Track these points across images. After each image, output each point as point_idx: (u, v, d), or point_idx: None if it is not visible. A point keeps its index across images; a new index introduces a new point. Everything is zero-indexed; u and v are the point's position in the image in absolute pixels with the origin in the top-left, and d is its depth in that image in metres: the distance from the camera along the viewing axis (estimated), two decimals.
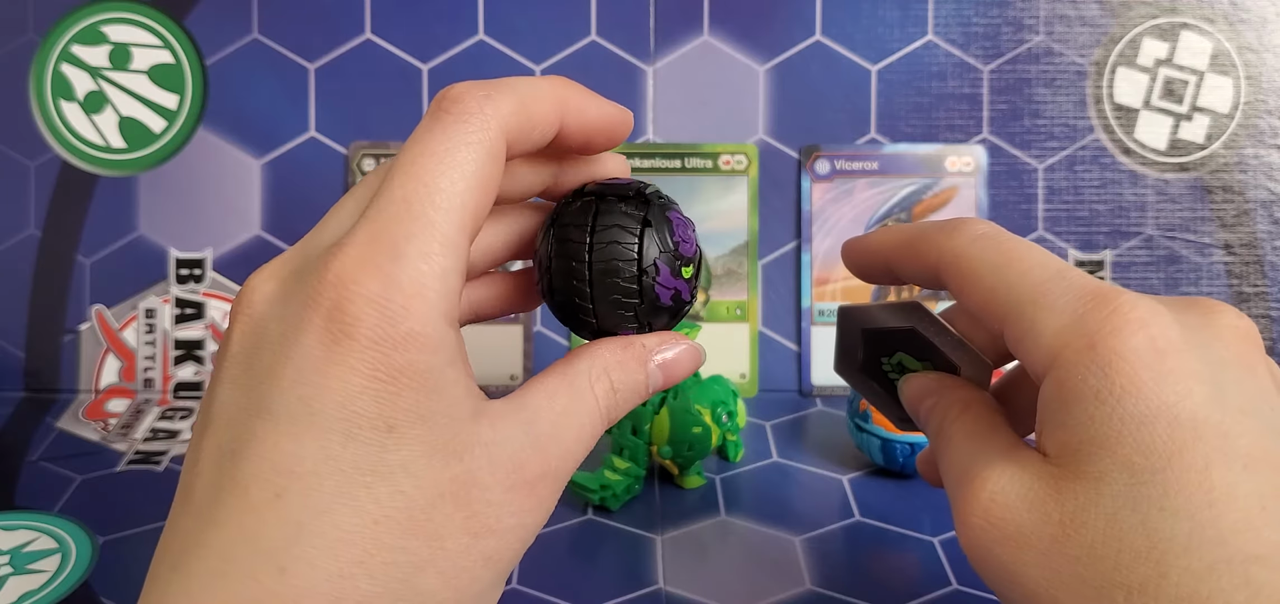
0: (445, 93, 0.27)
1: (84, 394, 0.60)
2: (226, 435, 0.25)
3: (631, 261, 0.28)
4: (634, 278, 0.28)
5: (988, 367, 0.32)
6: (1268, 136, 0.61)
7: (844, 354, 0.35)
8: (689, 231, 0.30)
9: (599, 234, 0.28)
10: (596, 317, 0.29)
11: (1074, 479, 0.25)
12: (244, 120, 0.61)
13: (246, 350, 0.26)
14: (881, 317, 0.33)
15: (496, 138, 0.27)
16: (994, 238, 0.29)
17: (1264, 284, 0.61)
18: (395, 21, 0.61)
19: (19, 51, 0.61)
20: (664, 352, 0.30)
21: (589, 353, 0.29)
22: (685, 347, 0.30)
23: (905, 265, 0.32)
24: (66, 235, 0.61)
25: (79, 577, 0.42)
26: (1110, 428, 0.25)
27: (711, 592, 0.40)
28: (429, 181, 0.26)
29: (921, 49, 0.62)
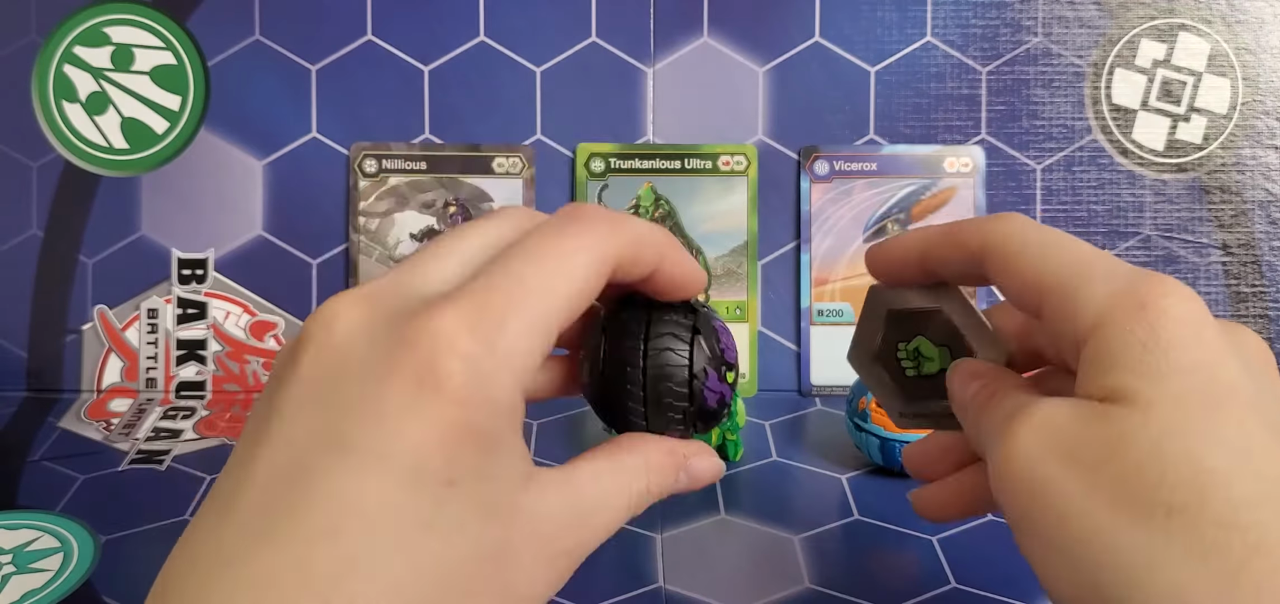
0: (579, 207, 0.29)
1: (86, 394, 0.61)
2: (287, 457, 0.25)
3: (683, 368, 0.30)
4: (685, 383, 0.30)
5: (1003, 350, 0.33)
6: (1265, 137, 0.62)
7: (861, 338, 0.35)
8: (731, 339, 0.32)
9: (653, 342, 0.30)
10: (647, 419, 0.31)
11: (1123, 407, 0.26)
12: (246, 121, 0.61)
13: (323, 377, 0.26)
14: (911, 297, 0.34)
15: (609, 259, 0.28)
16: (1038, 224, 0.31)
17: (1261, 284, 0.61)
18: (396, 23, 0.62)
19: (22, 52, 0.61)
20: (695, 464, 0.31)
21: (637, 448, 0.30)
22: (712, 463, 0.32)
23: (944, 255, 0.32)
24: (69, 236, 0.61)
25: (81, 576, 0.42)
26: (1158, 368, 0.26)
27: (711, 590, 0.41)
28: (549, 271, 0.27)
29: (920, 50, 0.62)
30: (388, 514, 0.24)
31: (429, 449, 0.24)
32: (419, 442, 0.24)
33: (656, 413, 0.31)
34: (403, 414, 0.24)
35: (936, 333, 0.34)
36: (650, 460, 0.30)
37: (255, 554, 0.24)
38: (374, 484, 0.24)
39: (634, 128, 0.62)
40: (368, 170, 0.61)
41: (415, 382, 0.24)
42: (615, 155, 0.62)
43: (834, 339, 0.61)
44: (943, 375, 0.33)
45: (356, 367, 0.25)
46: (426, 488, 0.24)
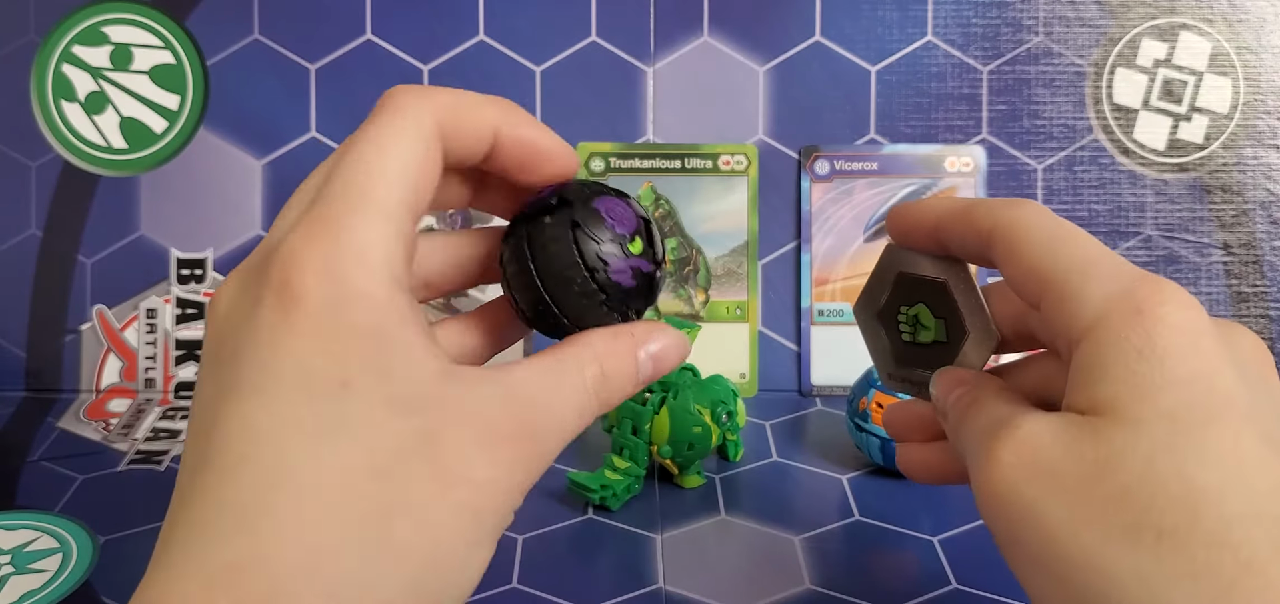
0: (387, 93, 0.29)
1: (85, 394, 0.60)
2: (199, 421, 0.26)
3: (578, 267, 0.29)
4: (588, 280, 0.29)
5: (995, 340, 0.33)
6: (1266, 137, 0.61)
7: (870, 292, 0.35)
8: (621, 207, 0.30)
9: (539, 259, 0.29)
10: (576, 324, 0.30)
11: (1112, 424, 0.26)
12: (245, 121, 0.61)
13: (214, 345, 0.27)
14: (923, 264, 0.34)
15: (430, 128, 0.28)
16: (1051, 215, 0.31)
17: (1263, 284, 0.61)
18: (396, 22, 0.62)
19: (20, 52, 0.61)
20: (652, 343, 0.30)
21: (581, 339, 0.30)
22: (672, 338, 0.31)
23: (956, 231, 0.33)
24: (68, 235, 0.61)
25: (80, 576, 0.42)
26: (1152, 381, 0.26)
27: (711, 591, 0.41)
28: (369, 164, 0.27)
29: (921, 50, 0.62)
30: (290, 429, 0.25)
31: (310, 359, 0.25)
32: (298, 355, 0.25)
33: (580, 314, 0.30)
34: (276, 338, 0.25)
35: (937, 305, 0.34)
36: (598, 347, 0.29)
37: (185, 512, 0.25)
38: (271, 407, 0.25)
39: (634, 127, 0.62)
40: None
41: (279, 307, 0.25)
42: (615, 155, 0.62)
43: (834, 339, 0.61)
44: (935, 347, 0.34)
45: (234, 321, 0.27)
46: (320, 394, 0.25)
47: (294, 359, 0.25)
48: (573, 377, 0.28)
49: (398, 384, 0.25)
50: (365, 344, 0.25)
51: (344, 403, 0.25)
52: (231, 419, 0.25)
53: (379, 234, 0.26)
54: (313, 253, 0.26)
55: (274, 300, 0.25)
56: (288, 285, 0.25)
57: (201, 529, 0.24)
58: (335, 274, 0.26)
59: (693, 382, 0.49)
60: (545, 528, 0.45)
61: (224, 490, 0.24)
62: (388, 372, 0.25)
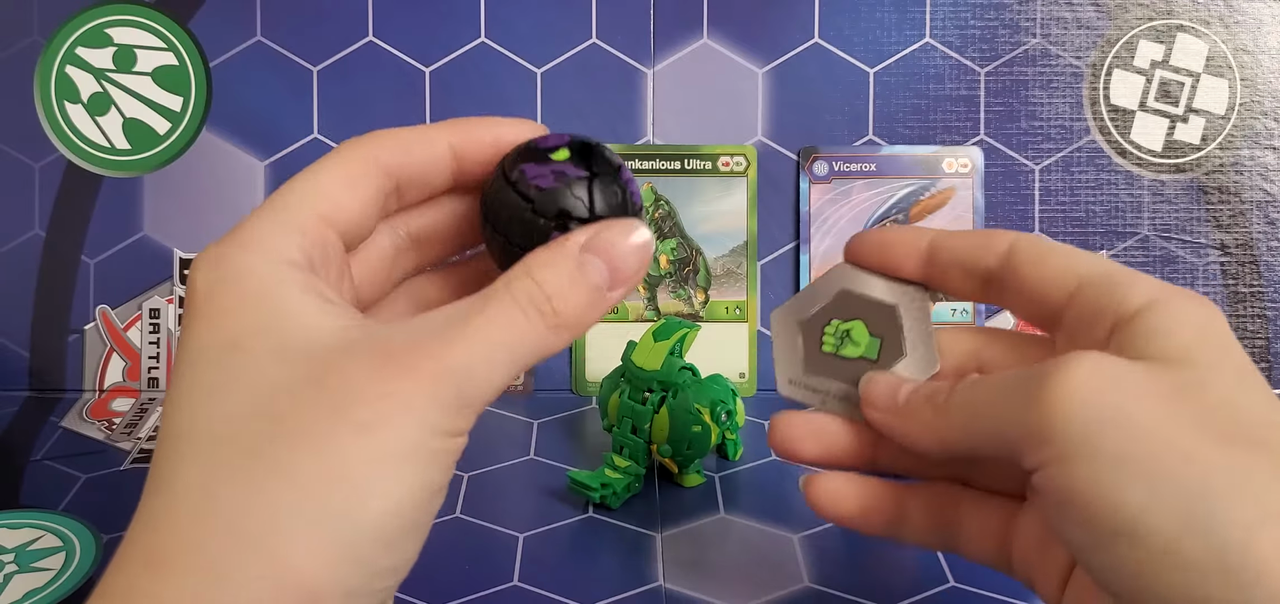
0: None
1: (88, 394, 0.61)
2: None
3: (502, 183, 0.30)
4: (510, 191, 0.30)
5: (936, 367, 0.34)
6: (1263, 138, 0.62)
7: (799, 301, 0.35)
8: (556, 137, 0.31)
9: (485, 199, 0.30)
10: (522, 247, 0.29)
11: (1189, 366, 0.28)
12: (247, 122, 0.62)
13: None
14: (874, 286, 0.34)
15: (364, 156, 0.30)
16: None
17: (1259, 284, 0.61)
18: (397, 24, 0.62)
19: (24, 53, 0.61)
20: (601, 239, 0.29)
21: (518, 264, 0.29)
22: (618, 229, 0.29)
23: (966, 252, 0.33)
24: (71, 236, 0.61)
25: (83, 575, 0.42)
26: (1222, 340, 0.29)
27: (711, 590, 0.41)
28: (286, 188, 0.29)
29: (919, 51, 0.62)
30: (186, 394, 0.26)
31: (202, 334, 0.27)
32: (194, 335, 0.27)
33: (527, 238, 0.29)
34: (184, 332, 0.27)
35: (877, 325, 0.34)
36: (529, 261, 0.28)
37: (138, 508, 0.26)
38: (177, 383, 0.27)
39: (634, 128, 0.62)
40: None
41: (186, 309, 0.28)
42: None
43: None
44: (858, 362, 0.34)
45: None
46: (211, 362, 0.26)
47: (190, 341, 0.27)
48: (499, 298, 0.28)
49: (287, 336, 0.26)
50: (249, 310, 0.27)
51: (233, 362, 0.26)
52: (165, 405, 0.27)
53: (270, 226, 0.28)
54: (207, 253, 0.28)
55: (187, 307, 0.28)
56: (189, 289, 0.28)
57: (137, 517, 0.26)
58: (219, 263, 0.27)
59: (692, 381, 0.49)
60: (545, 526, 0.46)
61: (153, 471, 0.26)
62: (276, 328, 0.26)
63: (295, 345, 0.26)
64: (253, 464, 0.25)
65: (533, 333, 0.28)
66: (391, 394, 0.25)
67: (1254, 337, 0.61)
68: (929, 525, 0.34)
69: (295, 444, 0.25)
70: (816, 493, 0.34)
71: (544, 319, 0.28)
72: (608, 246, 0.29)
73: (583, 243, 0.29)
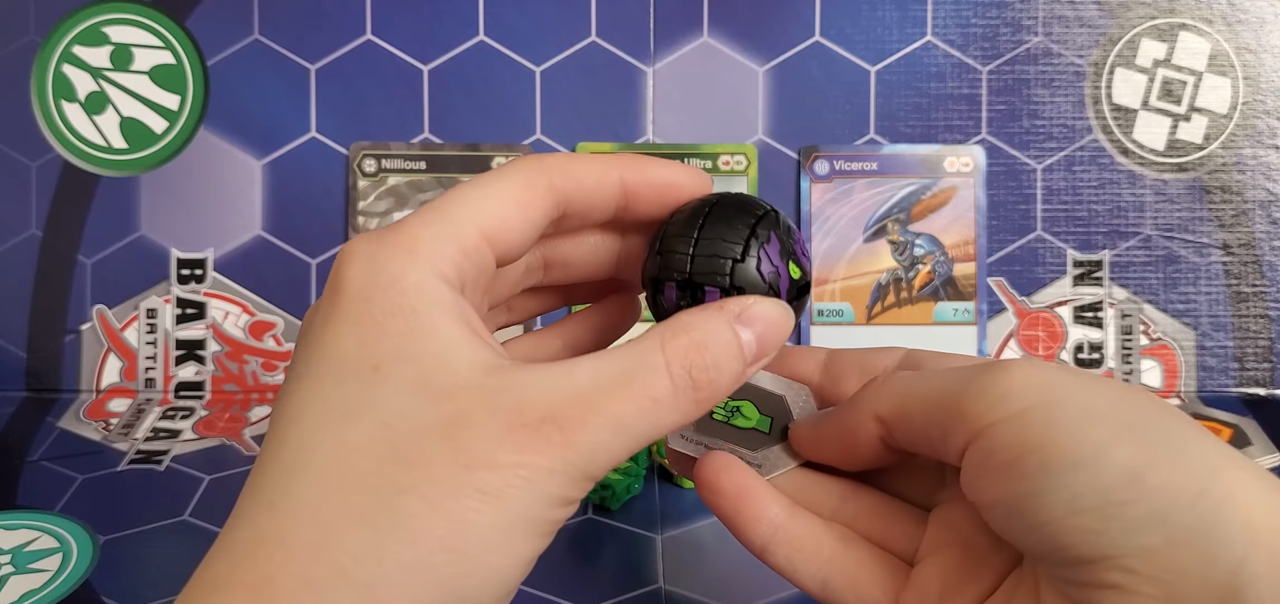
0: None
1: (85, 394, 0.60)
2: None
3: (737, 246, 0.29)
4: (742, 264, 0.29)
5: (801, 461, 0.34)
6: (1266, 137, 0.62)
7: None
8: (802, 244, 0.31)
9: (706, 230, 0.29)
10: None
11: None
12: (245, 121, 0.61)
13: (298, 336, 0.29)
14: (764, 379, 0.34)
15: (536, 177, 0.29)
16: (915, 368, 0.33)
17: (1262, 284, 0.61)
18: (396, 22, 0.62)
19: (20, 52, 0.61)
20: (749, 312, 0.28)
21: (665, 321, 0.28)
22: (772, 308, 0.29)
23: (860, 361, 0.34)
24: (68, 235, 0.61)
25: (80, 576, 0.42)
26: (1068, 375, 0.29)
27: (711, 591, 0.41)
28: (453, 194, 0.28)
29: (920, 50, 0.62)
30: (318, 411, 0.26)
31: (345, 344, 0.26)
32: (335, 340, 0.26)
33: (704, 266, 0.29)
34: (324, 325, 0.26)
35: (767, 408, 0.34)
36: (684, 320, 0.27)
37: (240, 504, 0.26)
38: (306, 390, 0.26)
39: (634, 127, 0.62)
40: (367, 170, 0.61)
41: (329, 296, 0.27)
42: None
43: (834, 339, 0.61)
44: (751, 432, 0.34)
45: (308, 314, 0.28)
46: (350, 377, 0.26)
47: (332, 344, 0.26)
48: (645, 357, 0.27)
49: (428, 369, 0.26)
50: (398, 327, 0.26)
51: (372, 386, 0.25)
52: (279, 405, 0.26)
53: (432, 234, 0.27)
54: (363, 247, 0.27)
55: (327, 290, 0.27)
56: (337, 275, 0.27)
57: (237, 510, 0.26)
58: (376, 262, 0.26)
59: None
60: None
61: (259, 472, 0.26)
62: (419, 357, 0.26)
63: (436, 381, 0.25)
64: (376, 510, 0.24)
65: (675, 409, 0.27)
66: (519, 465, 0.25)
67: (1257, 337, 0.61)
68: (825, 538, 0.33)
69: (418, 498, 0.24)
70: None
71: (695, 392, 0.27)
72: (759, 319, 0.28)
73: (737, 313, 0.28)
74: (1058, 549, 0.26)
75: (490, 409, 0.25)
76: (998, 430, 0.27)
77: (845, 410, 0.32)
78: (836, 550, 0.32)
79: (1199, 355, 0.61)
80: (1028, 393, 0.27)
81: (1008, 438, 0.27)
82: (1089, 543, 0.25)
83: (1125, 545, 0.25)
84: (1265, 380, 0.61)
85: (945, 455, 0.29)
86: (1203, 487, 0.25)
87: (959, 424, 0.28)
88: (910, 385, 0.30)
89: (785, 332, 0.29)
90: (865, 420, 0.31)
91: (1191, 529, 0.25)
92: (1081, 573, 0.26)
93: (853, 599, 0.32)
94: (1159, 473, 0.25)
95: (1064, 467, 0.26)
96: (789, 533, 0.32)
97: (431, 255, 0.27)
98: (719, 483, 0.32)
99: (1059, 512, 0.26)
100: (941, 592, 0.31)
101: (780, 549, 0.32)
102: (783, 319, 0.29)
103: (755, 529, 0.32)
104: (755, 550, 0.32)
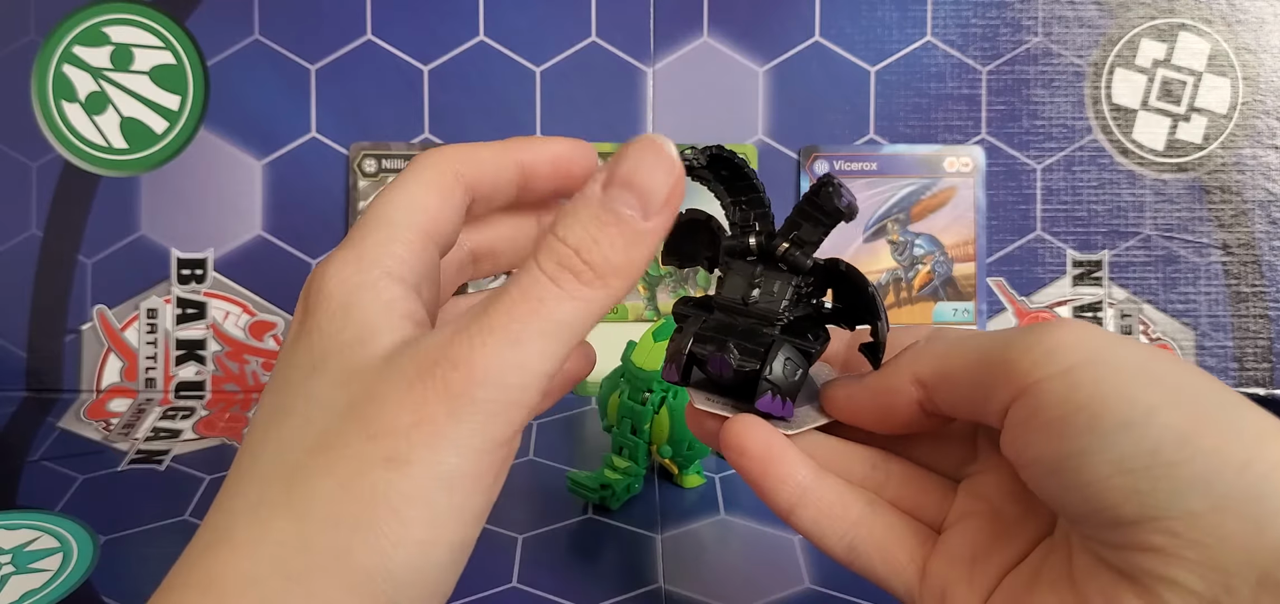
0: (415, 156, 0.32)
1: (86, 394, 0.60)
2: None
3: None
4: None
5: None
6: (1265, 137, 0.62)
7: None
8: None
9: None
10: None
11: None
12: (245, 121, 0.61)
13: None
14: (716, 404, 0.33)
15: (446, 171, 0.30)
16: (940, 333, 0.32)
17: (1262, 284, 0.61)
18: (396, 22, 0.62)
19: (21, 52, 0.61)
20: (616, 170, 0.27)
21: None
22: (638, 147, 0.27)
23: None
24: (68, 235, 0.61)
25: (81, 576, 0.42)
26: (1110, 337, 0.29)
27: (711, 591, 0.41)
28: (385, 201, 0.30)
29: (920, 50, 0.62)
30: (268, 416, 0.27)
31: (299, 352, 0.27)
32: (291, 353, 0.28)
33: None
34: (288, 344, 0.28)
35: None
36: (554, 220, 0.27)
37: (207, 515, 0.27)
38: (267, 398, 0.28)
39: (634, 127, 0.62)
40: (367, 170, 0.61)
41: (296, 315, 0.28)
42: None
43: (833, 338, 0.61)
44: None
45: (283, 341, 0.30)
46: (292, 383, 0.27)
47: (289, 357, 0.28)
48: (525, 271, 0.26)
49: (348, 357, 0.26)
50: (335, 327, 0.27)
51: (307, 384, 0.27)
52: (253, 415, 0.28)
53: (376, 238, 0.28)
54: (323, 265, 0.28)
55: (296, 307, 0.28)
56: (303, 293, 0.28)
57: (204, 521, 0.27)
58: (329, 274, 0.28)
59: None
60: (545, 528, 0.45)
61: (224, 482, 0.27)
62: (343, 347, 0.27)
63: (355, 368, 0.26)
64: (300, 499, 0.25)
65: (570, 299, 0.26)
66: (421, 423, 0.24)
67: (1256, 337, 0.61)
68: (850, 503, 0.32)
69: (332, 480, 0.25)
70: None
71: (578, 278, 0.26)
72: (629, 175, 0.27)
73: (602, 180, 0.27)
74: (1100, 510, 0.26)
75: (392, 376, 0.25)
76: (1045, 387, 0.27)
77: (883, 373, 0.31)
78: (864, 514, 0.32)
79: (1198, 355, 0.61)
80: (1076, 351, 0.27)
81: (1055, 395, 0.26)
82: (1133, 504, 0.25)
83: (1170, 508, 0.25)
84: (1265, 380, 0.61)
85: (986, 416, 0.29)
86: (1252, 455, 0.25)
87: (1005, 382, 0.27)
88: (952, 346, 0.30)
89: (660, 166, 0.27)
90: (904, 383, 0.30)
91: (1238, 496, 0.24)
92: (1123, 535, 0.26)
93: (880, 563, 0.32)
94: (1208, 437, 0.25)
95: (1113, 426, 0.25)
96: (816, 495, 0.32)
97: (378, 257, 0.28)
98: (745, 444, 0.32)
99: (1104, 471, 0.25)
100: (971, 557, 0.30)
101: (807, 511, 0.32)
102: (648, 158, 0.27)
103: (782, 491, 0.32)
104: (782, 512, 0.32)
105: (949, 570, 0.31)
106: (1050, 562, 0.29)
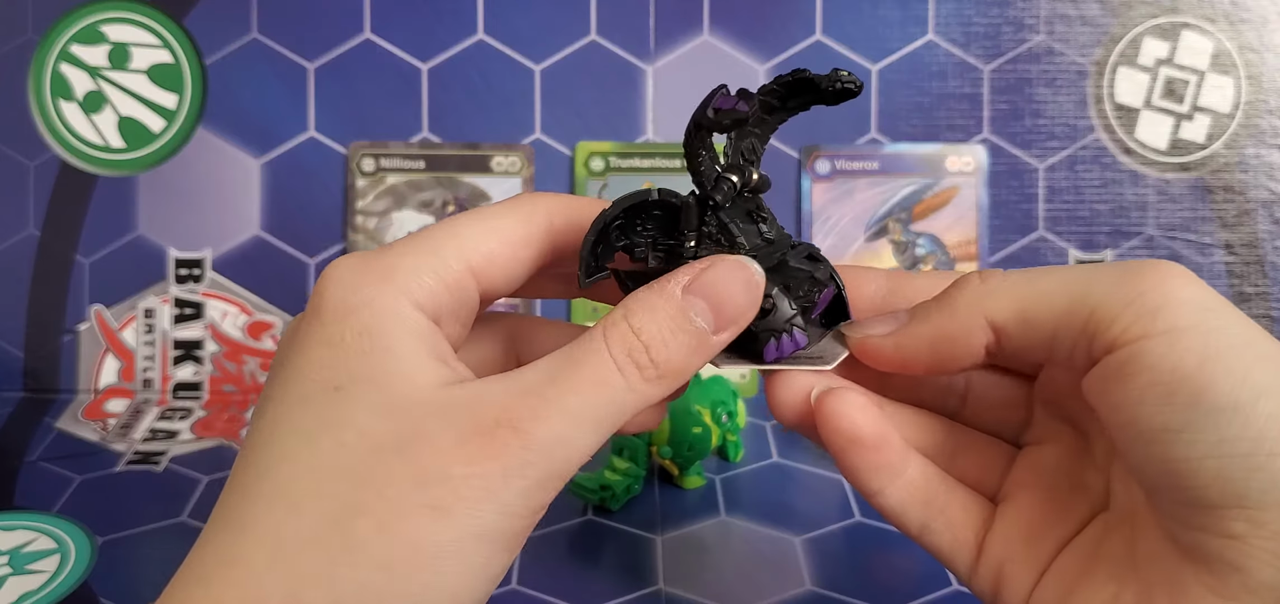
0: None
1: (83, 394, 0.60)
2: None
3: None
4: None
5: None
6: (1268, 136, 0.61)
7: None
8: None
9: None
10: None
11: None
12: (243, 120, 0.61)
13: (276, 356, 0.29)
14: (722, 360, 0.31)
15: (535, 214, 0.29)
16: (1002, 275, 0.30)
17: (1265, 284, 0.61)
18: (395, 21, 0.61)
19: (18, 51, 0.61)
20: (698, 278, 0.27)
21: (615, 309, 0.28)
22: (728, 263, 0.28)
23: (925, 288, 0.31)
24: (66, 235, 0.61)
25: (78, 577, 0.42)
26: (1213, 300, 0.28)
27: (711, 592, 0.40)
28: (445, 224, 0.29)
29: (922, 48, 0.62)
30: (281, 431, 0.26)
31: (313, 364, 0.26)
32: (305, 361, 0.26)
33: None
34: (299, 348, 0.27)
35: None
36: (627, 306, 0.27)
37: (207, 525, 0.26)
38: (275, 411, 0.26)
39: (634, 127, 0.62)
40: (366, 169, 0.61)
41: (307, 315, 0.27)
42: (615, 154, 0.61)
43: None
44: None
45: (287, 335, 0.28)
46: (313, 399, 0.26)
47: (303, 364, 0.26)
48: (593, 352, 0.26)
49: (388, 389, 0.26)
50: (363, 347, 0.26)
51: (334, 406, 0.26)
52: (252, 424, 0.27)
53: (413, 263, 0.27)
54: (344, 268, 0.27)
55: (308, 308, 0.27)
56: (317, 293, 0.27)
57: (204, 532, 0.26)
58: (353, 284, 0.27)
59: (693, 382, 0.49)
60: (545, 528, 0.45)
61: (227, 492, 0.26)
62: (380, 377, 0.26)
63: (394, 401, 0.25)
64: (329, 532, 0.24)
65: (629, 390, 0.26)
66: (473, 476, 0.25)
67: None
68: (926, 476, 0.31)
69: (370, 518, 0.24)
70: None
71: (641, 372, 0.26)
72: (711, 286, 0.28)
73: (685, 283, 0.27)
74: (1187, 488, 0.25)
75: (445, 422, 0.25)
76: (1147, 348, 0.25)
77: (948, 313, 0.29)
78: (938, 491, 0.30)
79: None
80: (1184, 311, 0.25)
81: (1158, 359, 0.25)
82: (1223, 489, 0.24)
83: (1262, 499, 0.24)
84: None
85: (1068, 363, 0.27)
86: None
87: (1100, 330, 0.26)
88: (1033, 284, 0.27)
89: (742, 286, 0.28)
90: (975, 325, 0.28)
91: None
92: (1203, 517, 0.25)
93: (949, 542, 0.30)
94: None
95: (1219, 407, 0.24)
96: (906, 478, 0.30)
97: (407, 283, 0.27)
98: (858, 430, 0.30)
99: (1201, 451, 0.24)
100: (1027, 534, 0.29)
101: (895, 492, 0.30)
102: (735, 276, 0.28)
103: (876, 478, 0.30)
104: (869, 493, 0.30)
105: (1005, 549, 0.29)
106: (1110, 540, 0.28)
